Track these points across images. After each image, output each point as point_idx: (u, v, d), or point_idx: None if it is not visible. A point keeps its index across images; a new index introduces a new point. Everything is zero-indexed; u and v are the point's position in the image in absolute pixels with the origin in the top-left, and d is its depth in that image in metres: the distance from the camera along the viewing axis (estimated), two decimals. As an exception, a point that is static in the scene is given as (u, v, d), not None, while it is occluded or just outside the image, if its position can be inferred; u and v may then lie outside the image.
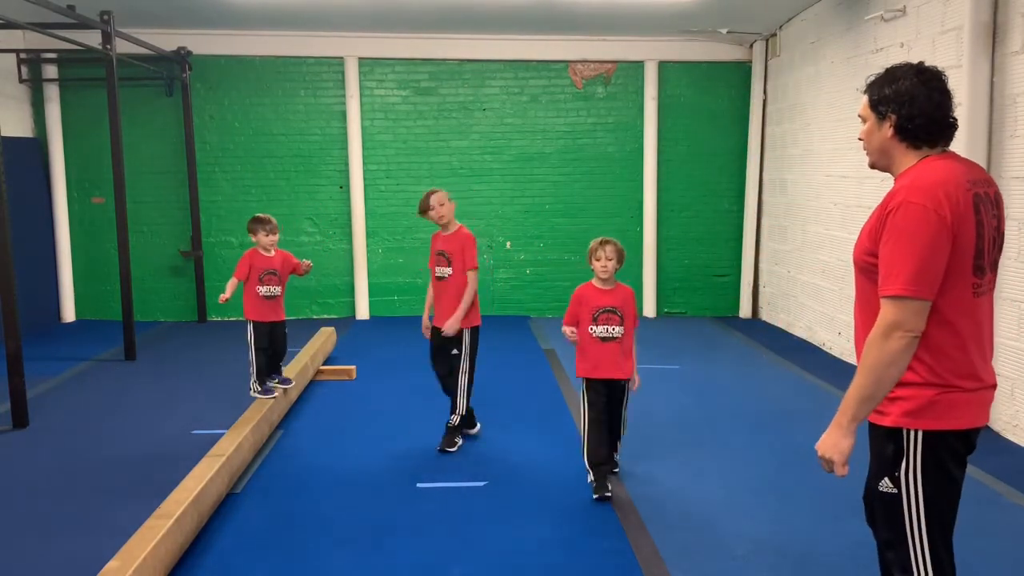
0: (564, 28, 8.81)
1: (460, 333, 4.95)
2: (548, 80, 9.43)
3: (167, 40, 8.71)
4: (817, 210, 7.87)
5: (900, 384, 2.26)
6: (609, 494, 4.24)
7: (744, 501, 4.28)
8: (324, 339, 7.25)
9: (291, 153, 9.32)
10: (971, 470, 4.60)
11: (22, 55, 8.73)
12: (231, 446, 4.38)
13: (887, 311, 2.19)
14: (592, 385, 4.33)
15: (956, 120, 2.33)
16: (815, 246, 7.93)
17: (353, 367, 6.82)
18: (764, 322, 9.32)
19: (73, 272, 9.32)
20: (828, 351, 7.64)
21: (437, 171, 9.45)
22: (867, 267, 2.31)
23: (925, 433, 2.25)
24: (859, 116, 2.44)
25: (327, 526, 3.97)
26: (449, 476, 4.60)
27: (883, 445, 2.35)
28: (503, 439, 5.22)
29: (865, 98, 2.38)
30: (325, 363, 7.02)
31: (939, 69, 2.34)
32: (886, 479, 2.35)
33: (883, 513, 2.38)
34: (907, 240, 2.16)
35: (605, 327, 4.29)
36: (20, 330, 5.50)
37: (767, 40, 9.11)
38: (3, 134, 7.38)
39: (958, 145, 5.30)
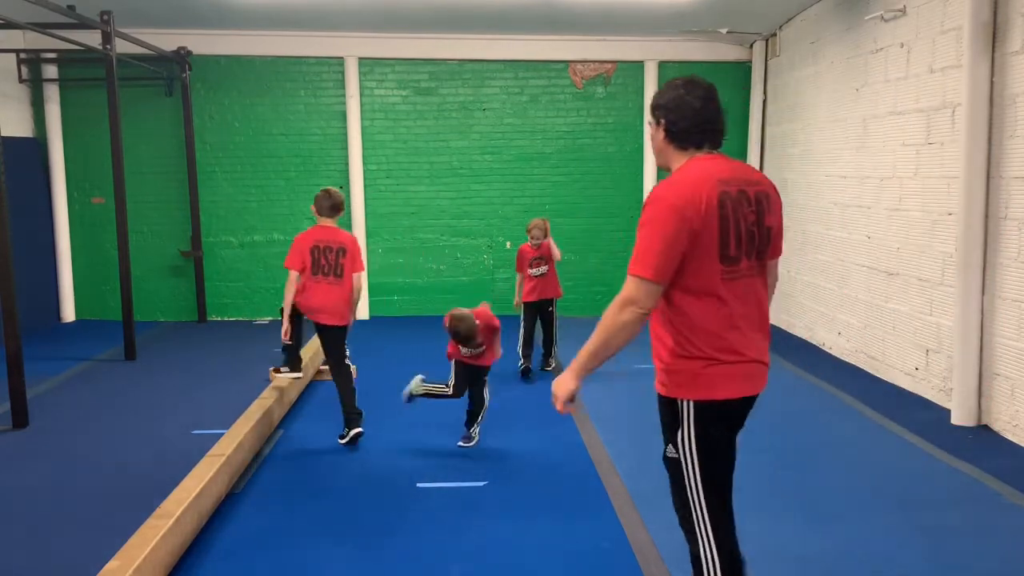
0: (564, 28, 8.81)
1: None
2: (548, 80, 9.43)
3: (167, 40, 8.71)
4: (817, 210, 7.87)
5: (673, 357, 2.56)
6: (531, 371, 6.90)
7: (744, 501, 4.26)
8: (324, 339, 7.24)
9: (291, 153, 9.33)
10: (971, 470, 4.63)
11: (22, 55, 8.73)
12: (231, 446, 4.38)
13: (626, 287, 2.48)
14: (529, 305, 6.88)
15: (719, 127, 2.60)
16: (815, 246, 7.93)
17: (353, 367, 6.80)
18: (764, 322, 9.31)
19: (73, 272, 9.32)
20: (828, 351, 7.64)
21: (437, 171, 9.46)
22: None
23: (695, 403, 2.56)
24: (647, 123, 2.77)
25: (327, 526, 3.97)
26: (449, 476, 4.60)
27: (665, 414, 2.68)
28: (503, 439, 5.22)
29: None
30: (325, 363, 7.00)
31: (706, 83, 2.62)
32: (670, 446, 2.66)
33: (670, 477, 2.70)
34: (650, 230, 2.45)
35: (537, 268, 6.84)
36: (20, 330, 5.50)
37: (767, 40, 9.11)
38: (3, 134, 7.38)
39: (958, 144, 5.34)
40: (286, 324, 5.25)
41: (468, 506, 4.22)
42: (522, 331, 6.90)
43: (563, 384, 2.61)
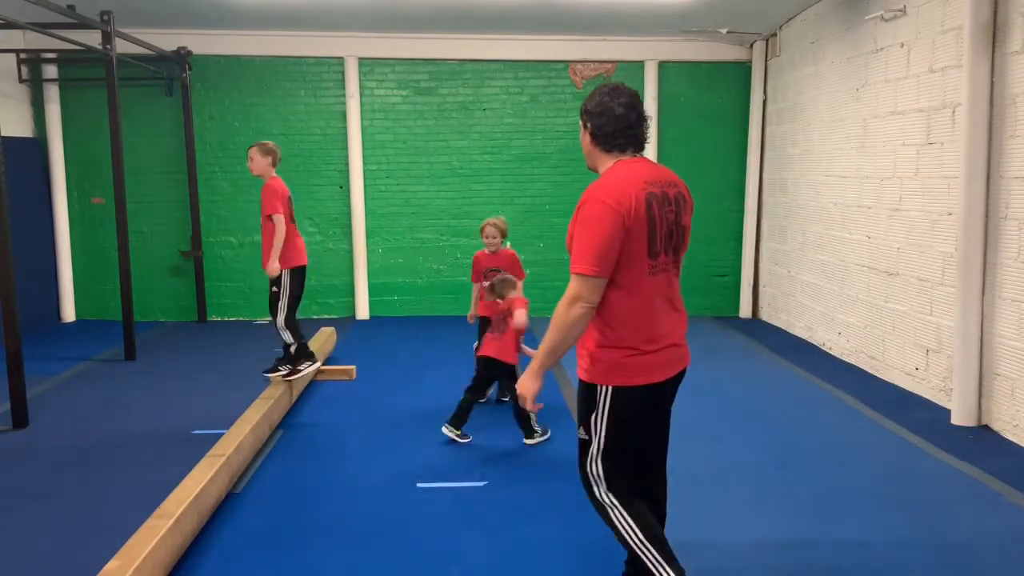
0: (564, 28, 8.81)
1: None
2: (548, 80, 9.43)
3: (167, 40, 8.71)
4: (817, 210, 7.87)
5: (598, 347, 2.78)
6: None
7: (744, 501, 4.27)
8: (324, 339, 7.25)
9: (291, 153, 9.30)
10: (971, 470, 4.63)
11: (22, 55, 8.73)
12: (231, 446, 4.38)
13: (573, 285, 2.70)
14: (483, 321, 5.61)
15: (640, 132, 2.84)
16: (815, 246, 7.93)
17: (353, 367, 6.82)
18: (764, 322, 9.32)
19: (73, 272, 9.32)
20: (828, 351, 7.65)
21: (437, 171, 9.46)
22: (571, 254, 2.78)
23: (614, 388, 2.79)
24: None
25: (327, 526, 3.97)
26: (449, 476, 4.60)
27: (583, 398, 2.88)
28: (503, 439, 5.22)
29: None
30: (325, 363, 7.02)
31: (628, 89, 2.84)
32: (582, 428, 2.89)
33: (579, 456, 2.95)
34: (589, 230, 2.67)
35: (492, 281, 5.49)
36: (20, 330, 5.49)
37: (767, 40, 9.11)
38: (3, 134, 7.38)
39: (958, 144, 5.34)
40: (277, 265, 5.63)
41: (468, 506, 4.22)
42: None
43: (527, 384, 2.89)
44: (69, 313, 9.32)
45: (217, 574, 3.52)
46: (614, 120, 2.79)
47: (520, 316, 5.07)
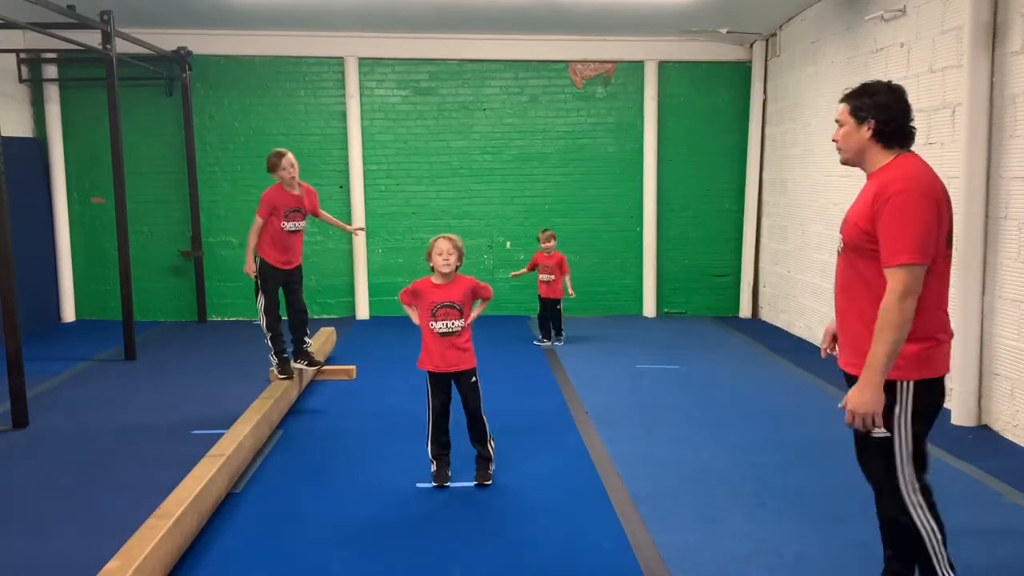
0: (564, 28, 8.81)
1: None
2: (548, 80, 9.43)
3: (167, 40, 8.71)
4: (817, 210, 7.87)
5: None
6: (447, 484, 4.40)
7: (744, 500, 4.27)
8: (324, 339, 7.25)
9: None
10: (971, 470, 4.63)
11: (22, 55, 8.73)
12: (231, 446, 4.38)
13: (899, 279, 2.62)
14: (435, 379, 4.42)
15: (915, 128, 2.85)
16: (815, 246, 7.93)
17: (353, 367, 6.81)
18: (764, 322, 9.32)
19: (73, 272, 9.32)
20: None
21: (437, 171, 9.46)
22: (861, 247, 2.76)
23: (915, 383, 2.73)
24: (836, 121, 2.94)
25: (327, 526, 3.97)
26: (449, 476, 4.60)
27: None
28: (503, 439, 5.21)
29: (844, 106, 2.91)
30: (325, 363, 7.01)
31: (903, 87, 2.86)
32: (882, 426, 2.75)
33: (876, 455, 2.85)
34: (910, 218, 2.62)
35: (444, 323, 4.36)
36: (20, 330, 5.50)
37: (767, 40, 9.11)
38: (3, 134, 7.38)
39: (958, 144, 5.34)
40: None
41: (468, 506, 4.22)
42: (430, 422, 4.47)
43: (875, 401, 2.66)
44: (69, 313, 9.32)
45: (217, 574, 3.52)
46: (901, 116, 2.79)
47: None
